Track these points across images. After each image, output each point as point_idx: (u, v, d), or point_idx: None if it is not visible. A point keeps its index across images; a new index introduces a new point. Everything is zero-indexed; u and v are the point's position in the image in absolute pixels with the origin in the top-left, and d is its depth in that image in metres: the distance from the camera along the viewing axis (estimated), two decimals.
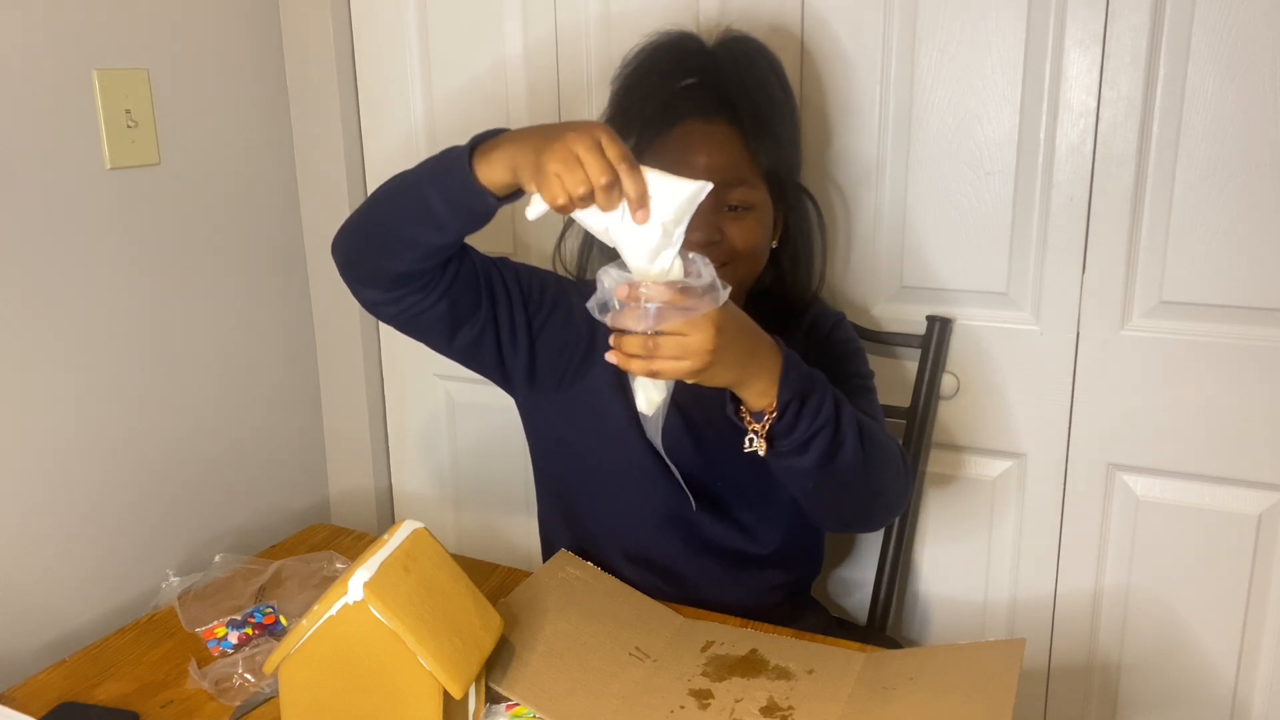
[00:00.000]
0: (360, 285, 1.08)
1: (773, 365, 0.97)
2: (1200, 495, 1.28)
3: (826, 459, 1.01)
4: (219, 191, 1.50)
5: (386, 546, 0.93)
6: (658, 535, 1.20)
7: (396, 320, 1.10)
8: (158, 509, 1.45)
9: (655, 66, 1.16)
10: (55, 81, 1.27)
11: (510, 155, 0.91)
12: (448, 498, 1.75)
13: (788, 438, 0.99)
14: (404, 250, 1.01)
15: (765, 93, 1.14)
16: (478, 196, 0.94)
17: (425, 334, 1.12)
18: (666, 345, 0.90)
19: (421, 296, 1.06)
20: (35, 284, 1.26)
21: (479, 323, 1.11)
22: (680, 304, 0.88)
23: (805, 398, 0.98)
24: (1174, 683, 1.34)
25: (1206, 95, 1.17)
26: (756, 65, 1.15)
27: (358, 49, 1.61)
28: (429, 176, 0.97)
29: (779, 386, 0.97)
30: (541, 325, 1.15)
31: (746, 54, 1.16)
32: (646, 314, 0.88)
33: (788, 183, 1.18)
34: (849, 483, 1.05)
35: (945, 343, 1.35)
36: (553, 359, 1.17)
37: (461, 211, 0.96)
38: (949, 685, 0.96)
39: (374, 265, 1.05)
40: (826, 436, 1.00)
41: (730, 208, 1.11)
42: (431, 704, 0.88)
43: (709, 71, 1.14)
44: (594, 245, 1.26)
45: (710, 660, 1.05)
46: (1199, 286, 1.23)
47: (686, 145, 1.10)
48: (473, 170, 0.93)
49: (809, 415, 0.99)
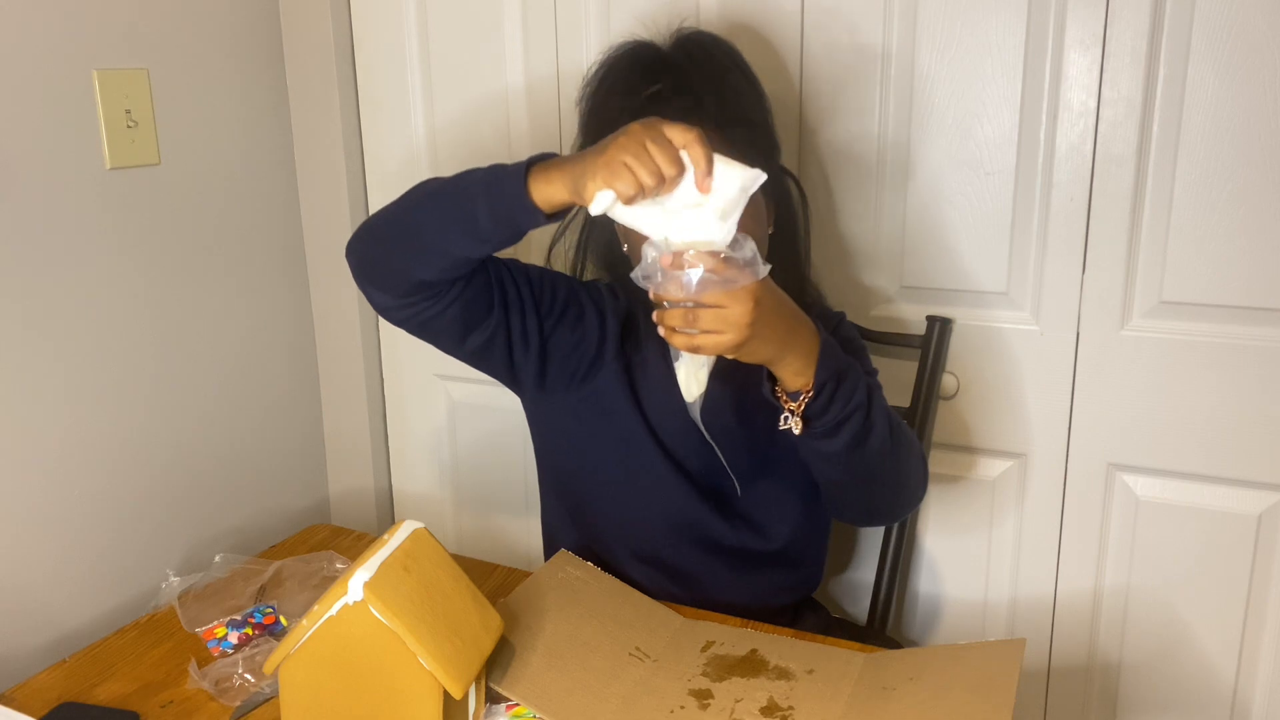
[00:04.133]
0: (374, 288, 1.08)
1: (810, 345, 0.99)
2: (1200, 495, 1.28)
3: (857, 443, 1.02)
4: (219, 191, 1.50)
5: (386, 546, 0.93)
6: (667, 536, 1.20)
7: (407, 324, 1.10)
8: (158, 509, 1.45)
9: (617, 81, 1.15)
10: (55, 81, 1.27)
11: (571, 168, 0.93)
12: (448, 498, 1.75)
13: (821, 419, 1.00)
14: (434, 258, 1.01)
15: (727, 82, 1.14)
16: (529, 213, 0.95)
17: (436, 337, 1.12)
18: (706, 317, 0.91)
19: (434, 302, 1.06)
20: (34, 284, 1.26)
21: (490, 327, 1.11)
22: (721, 273, 0.90)
23: (840, 380, 1.00)
24: (1174, 683, 1.34)
25: (1206, 95, 1.17)
26: (714, 58, 1.16)
27: (358, 49, 1.61)
28: (480, 188, 0.97)
29: (816, 366, 0.98)
30: (553, 328, 1.16)
31: (703, 47, 1.16)
32: (688, 283, 0.90)
33: (771, 166, 1.16)
34: (875, 470, 1.06)
35: (945, 343, 1.35)
36: (563, 361, 1.17)
37: (506, 226, 0.97)
38: (949, 685, 0.96)
39: (395, 270, 1.04)
40: (859, 421, 1.01)
41: None
42: (431, 704, 0.88)
43: (670, 74, 1.14)
44: (589, 247, 1.27)
45: (710, 660, 1.05)
46: (1199, 286, 1.23)
47: None
48: (528, 187, 0.93)
49: (843, 398, 1.00)
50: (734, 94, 1.14)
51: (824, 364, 0.99)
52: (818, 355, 0.98)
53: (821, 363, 0.99)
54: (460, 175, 1.01)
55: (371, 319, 1.70)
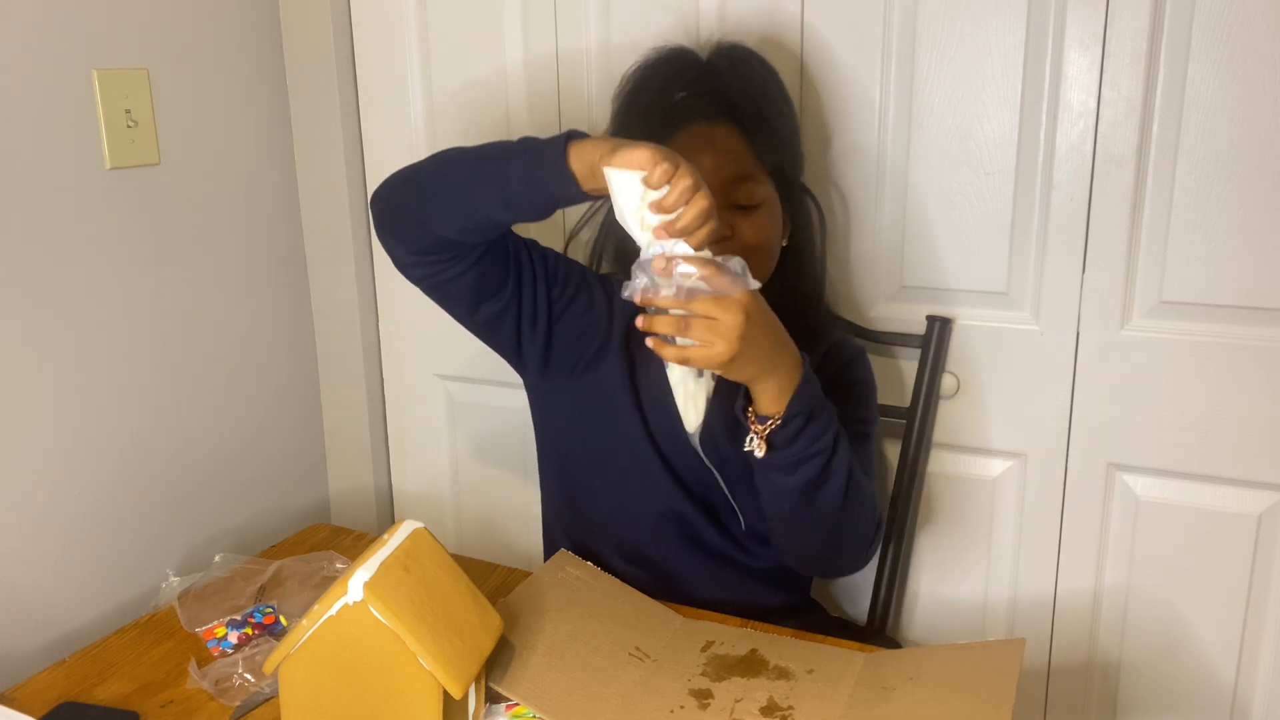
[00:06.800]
0: (395, 240, 1.08)
1: (792, 373, 0.98)
2: (1200, 495, 1.28)
3: (809, 488, 1.02)
4: (219, 191, 1.50)
5: (386, 546, 0.93)
6: (653, 532, 1.21)
7: (422, 284, 1.11)
8: (158, 509, 1.45)
9: (653, 80, 1.18)
10: (55, 81, 1.27)
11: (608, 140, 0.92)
12: (448, 498, 1.75)
13: (782, 451, 1.00)
14: (457, 217, 1.01)
15: (762, 91, 1.16)
16: (562, 180, 0.94)
17: (449, 302, 1.13)
18: (696, 327, 0.91)
19: (451, 265, 1.06)
20: (34, 284, 1.26)
21: (503, 299, 1.12)
22: (713, 280, 0.90)
23: (811, 418, 0.99)
24: (1174, 683, 1.34)
25: (1206, 95, 1.17)
26: (751, 68, 1.18)
27: (358, 49, 1.61)
28: (518, 150, 0.97)
29: (792, 396, 0.98)
30: (562, 311, 1.16)
31: (742, 58, 1.19)
32: (680, 288, 0.90)
33: (793, 180, 1.19)
34: (820, 521, 1.05)
35: (945, 343, 1.35)
36: (569, 346, 1.18)
37: (537, 192, 0.96)
38: (949, 685, 0.97)
39: (418, 223, 1.05)
40: (816, 465, 1.01)
41: (739, 206, 1.12)
42: (431, 704, 0.88)
43: (707, 78, 1.17)
44: (606, 243, 1.29)
45: (710, 660, 1.05)
46: (1199, 286, 1.23)
47: (691, 148, 1.11)
48: (567, 154, 0.93)
49: (808, 437, 1.00)
50: (767, 102, 1.16)
51: (799, 396, 0.98)
52: (796, 385, 0.98)
53: (798, 394, 0.98)
54: (498, 141, 1.02)
55: (372, 318, 1.70)
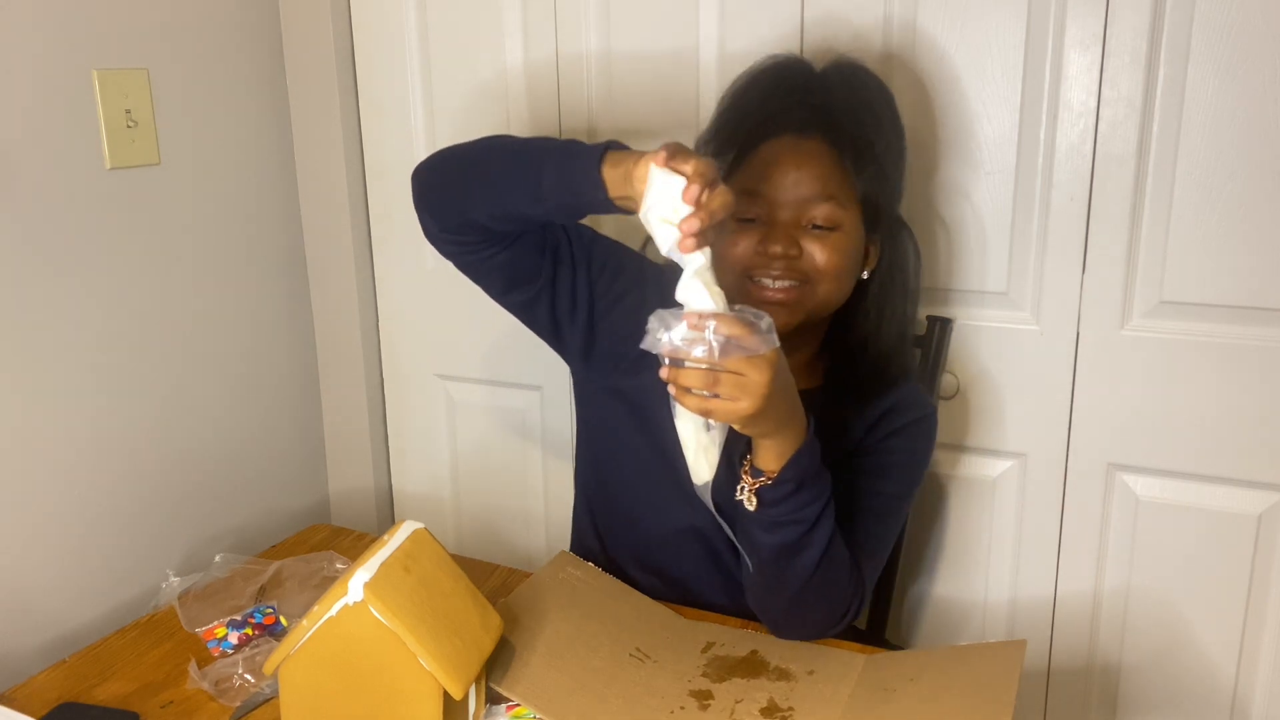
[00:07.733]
0: (429, 215, 1.08)
1: (798, 435, 0.97)
2: (1200, 495, 1.28)
3: (782, 553, 1.01)
4: (219, 191, 1.50)
5: (386, 547, 0.93)
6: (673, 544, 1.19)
7: (454, 259, 1.11)
8: (158, 509, 1.45)
9: (757, 86, 1.15)
10: (55, 81, 1.27)
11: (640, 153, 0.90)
12: (448, 498, 1.75)
13: (767, 508, 0.99)
14: (489, 203, 1.02)
15: (871, 113, 1.11)
16: (592, 184, 0.92)
17: (480, 280, 1.13)
18: (726, 382, 0.88)
19: (480, 249, 1.07)
20: (34, 284, 1.26)
21: (534, 289, 1.12)
22: (745, 340, 0.87)
23: (801, 486, 0.98)
24: (1174, 683, 1.34)
25: (1206, 95, 1.17)
26: (867, 88, 1.14)
27: (358, 49, 1.61)
28: (559, 149, 0.98)
29: (789, 459, 0.97)
30: (608, 307, 1.15)
31: (857, 77, 1.14)
32: (711, 346, 0.87)
33: (884, 212, 1.13)
34: (784, 586, 1.04)
35: (945, 343, 1.35)
36: (614, 344, 1.16)
37: (565, 191, 0.96)
38: (949, 687, 0.97)
39: (452, 201, 1.05)
40: (794, 532, 1.00)
41: (815, 226, 1.08)
42: (431, 704, 0.88)
43: (813, 90, 1.12)
44: None
45: (711, 661, 1.05)
46: (1199, 286, 1.23)
47: (774, 159, 1.08)
48: (602, 161, 0.92)
49: (794, 503, 0.99)
50: (874, 125, 1.11)
51: (795, 463, 0.97)
52: (796, 449, 0.97)
53: (794, 460, 0.97)
54: (547, 137, 1.02)
55: (372, 318, 1.70)
